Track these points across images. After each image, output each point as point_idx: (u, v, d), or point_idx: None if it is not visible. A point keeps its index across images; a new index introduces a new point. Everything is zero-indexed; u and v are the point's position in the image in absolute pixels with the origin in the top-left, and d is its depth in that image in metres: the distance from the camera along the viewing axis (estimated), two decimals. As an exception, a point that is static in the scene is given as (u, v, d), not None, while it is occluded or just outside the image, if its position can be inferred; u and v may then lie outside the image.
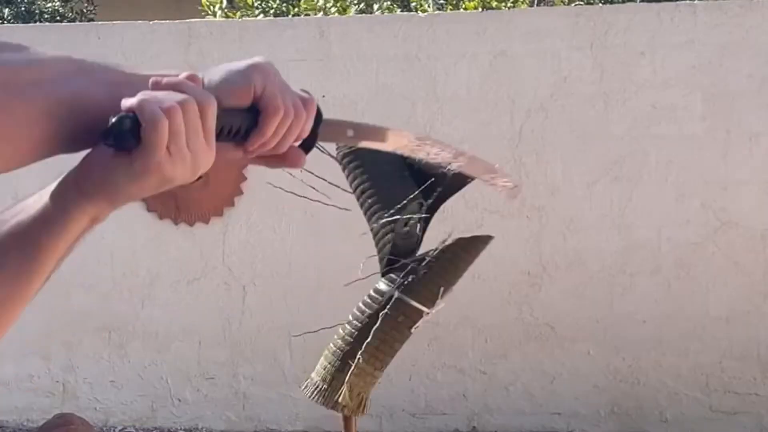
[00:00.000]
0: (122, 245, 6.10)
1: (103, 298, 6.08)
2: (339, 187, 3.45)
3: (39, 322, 6.08)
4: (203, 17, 7.07)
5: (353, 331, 3.19)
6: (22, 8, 8.52)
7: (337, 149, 3.31)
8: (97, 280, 6.09)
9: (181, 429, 6.00)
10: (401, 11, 6.96)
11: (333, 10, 6.96)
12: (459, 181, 3.21)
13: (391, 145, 1.56)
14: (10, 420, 6.04)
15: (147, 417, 6.05)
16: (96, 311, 6.08)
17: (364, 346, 3.12)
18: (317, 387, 3.17)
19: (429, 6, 7.19)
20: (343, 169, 3.37)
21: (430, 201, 3.32)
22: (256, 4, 7.36)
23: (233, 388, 6.03)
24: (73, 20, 8.73)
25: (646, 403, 5.87)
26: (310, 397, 3.18)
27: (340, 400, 3.12)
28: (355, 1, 7.15)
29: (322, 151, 1.93)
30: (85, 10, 9.07)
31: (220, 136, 1.26)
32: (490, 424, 5.91)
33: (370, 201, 3.41)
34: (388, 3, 7.11)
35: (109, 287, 6.09)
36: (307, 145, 1.44)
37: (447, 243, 3.34)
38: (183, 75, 1.22)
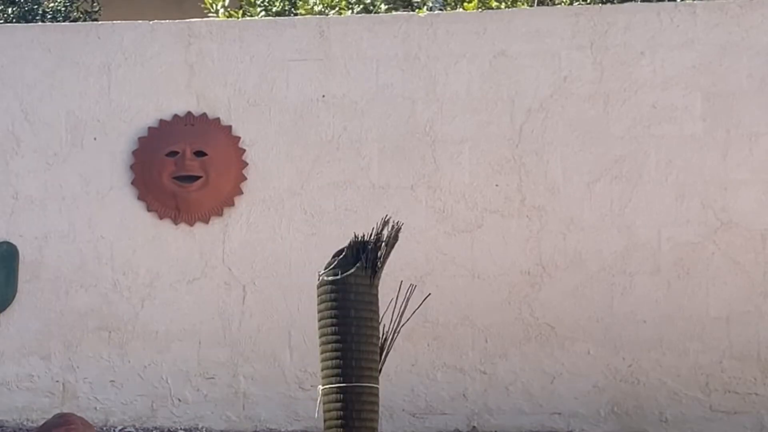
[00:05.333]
0: (122, 245, 6.10)
1: (103, 298, 6.09)
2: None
3: (39, 322, 6.08)
4: (206, 15, 7.08)
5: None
6: (26, 8, 8.52)
7: None
8: (97, 280, 6.09)
9: (181, 429, 6.00)
10: (402, 10, 6.97)
11: (331, 13, 6.97)
12: None
13: None
14: (10, 420, 6.05)
15: (147, 417, 6.05)
16: (96, 311, 6.08)
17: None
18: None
19: (431, 5, 7.19)
20: None
21: None
22: (258, 2, 7.35)
23: (233, 388, 6.03)
24: (76, 20, 8.73)
25: (646, 403, 5.87)
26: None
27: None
28: (353, 2, 7.15)
29: None
30: (90, 10, 9.07)
31: None
32: (490, 423, 5.91)
33: None
34: (387, 6, 7.11)
35: (109, 287, 6.09)
36: None
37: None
38: None
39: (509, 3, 6.91)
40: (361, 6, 7.13)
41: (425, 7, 7.06)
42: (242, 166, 6.08)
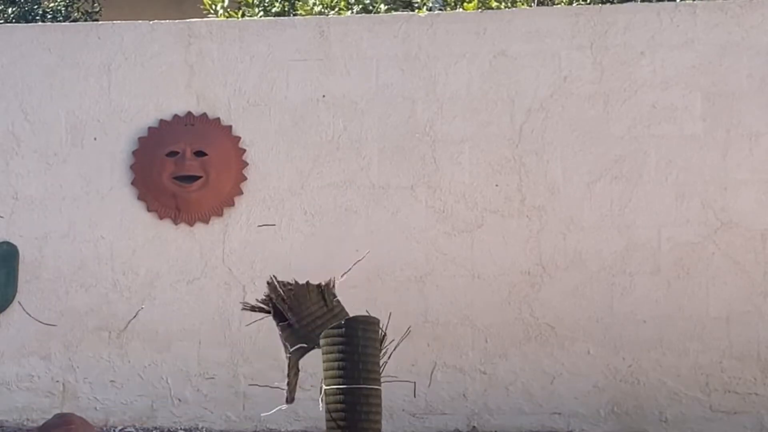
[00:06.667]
0: (122, 245, 6.10)
1: (103, 298, 6.09)
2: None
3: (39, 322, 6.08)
4: (205, 16, 7.08)
5: None
6: (26, 8, 8.53)
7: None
8: (97, 280, 6.09)
9: (181, 429, 6.00)
10: (402, 10, 6.98)
11: (331, 14, 6.97)
12: None
13: None
14: (10, 420, 6.05)
15: (147, 417, 6.05)
16: (96, 311, 6.08)
17: None
18: None
19: (431, 5, 7.20)
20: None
21: None
22: (257, 2, 7.35)
23: (233, 388, 6.03)
24: (76, 20, 8.74)
25: (646, 403, 5.87)
26: None
27: None
28: (352, 3, 7.15)
29: None
30: (90, 10, 9.08)
31: None
32: (490, 423, 5.92)
33: None
34: (387, 7, 7.11)
35: (109, 287, 6.09)
36: None
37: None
38: None
39: (509, 3, 6.91)
40: (360, 6, 7.13)
41: (425, 7, 7.06)
42: (242, 166, 6.08)
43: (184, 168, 6.06)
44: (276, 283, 4.29)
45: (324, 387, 4.09)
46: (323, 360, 4.11)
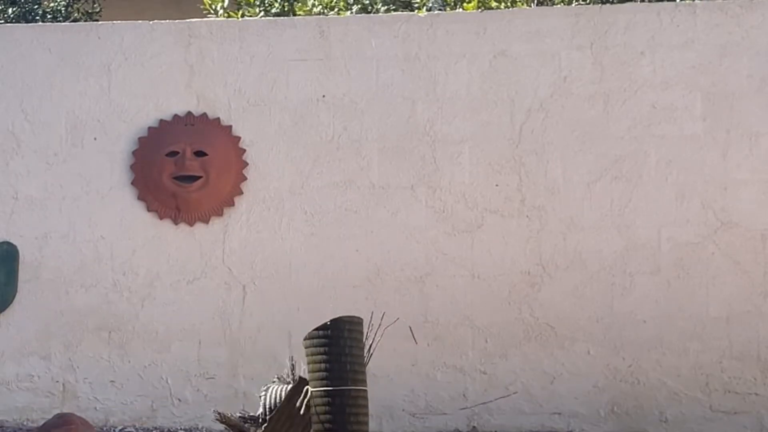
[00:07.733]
0: (122, 245, 6.10)
1: (103, 298, 6.09)
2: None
3: (39, 322, 6.08)
4: (205, 16, 7.08)
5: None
6: (26, 8, 8.52)
7: None
8: (97, 280, 6.09)
9: (181, 429, 6.00)
10: (401, 10, 6.98)
11: (330, 14, 6.97)
12: None
13: None
14: (10, 420, 6.05)
15: (147, 417, 6.05)
16: (96, 311, 6.08)
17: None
18: None
19: (431, 5, 7.20)
20: None
21: None
22: (257, 2, 7.35)
23: (233, 388, 6.03)
24: (76, 20, 8.73)
25: (646, 403, 5.87)
26: None
27: None
28: (351, 3, 7.14)
29: None
30: (90, 11, 9.08)
31: None
32: (490, 424, 5.92)
33: None
34: (386, 8, 7.11)
35: (109, 287, 6.09)
36: None
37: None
38: None
39: (509, 3, 6.90)
40: (359, 6, 7.13)
41: (425, 7, 7.06)
42: (242, 166, 6.08)
43: (184, 168, 6.06)
44: (223, 419, 4.34)
45: (310, 389, 4.05)
46: (308, 362, 4.08)
